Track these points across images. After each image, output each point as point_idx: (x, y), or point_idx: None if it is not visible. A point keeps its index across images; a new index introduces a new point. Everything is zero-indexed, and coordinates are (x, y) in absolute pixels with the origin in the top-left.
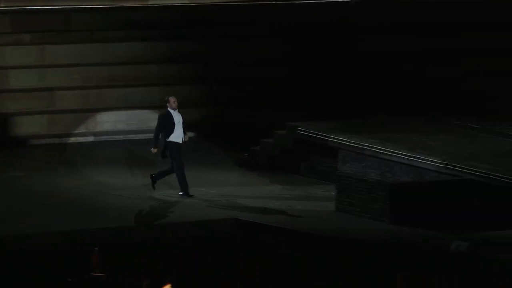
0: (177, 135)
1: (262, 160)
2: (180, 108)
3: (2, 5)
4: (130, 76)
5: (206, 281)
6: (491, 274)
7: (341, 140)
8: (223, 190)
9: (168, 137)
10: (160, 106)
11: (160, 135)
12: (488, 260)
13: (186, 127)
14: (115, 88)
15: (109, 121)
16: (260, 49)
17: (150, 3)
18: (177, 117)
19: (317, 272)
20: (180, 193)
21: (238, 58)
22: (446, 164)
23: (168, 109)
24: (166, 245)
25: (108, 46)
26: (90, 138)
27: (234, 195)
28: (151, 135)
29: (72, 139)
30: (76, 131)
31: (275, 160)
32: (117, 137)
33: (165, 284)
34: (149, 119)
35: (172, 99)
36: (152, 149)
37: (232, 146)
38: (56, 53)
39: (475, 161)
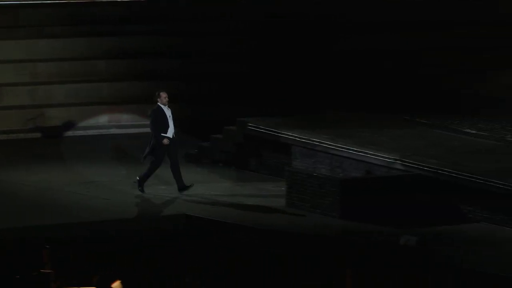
0: (169, 130)
1: (213, 156)
2: (129, 104)
3: None
4: (78, 72)
5: (155, 277)
6: (439, 268)
7: (291, 135)
8: (174, 187)
9: (160, 132)
10: (109, 102)
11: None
12: (437, 254)
13: (175, 123)
14: (63, 84)
15: (58, 117)
16: (214, 44)
17: None
18: (168, 112)
19: (267, 267)
20: (137, 178)
21: (189, 54)
22: (396, 160)
23: (159, 104)
24: (116, 240)
25: (57, 41)
26: (39, 134)
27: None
28: (100, 131)
29: (21, 135)
30: (24, 127)
31: (226, 156)
32: (66, 133)
33: (115, 280)
34: (98, 114)
35: (163, 94)
36: (164, 140)
37: (183, 142)
38: (4, 49)
39: (424, 156)
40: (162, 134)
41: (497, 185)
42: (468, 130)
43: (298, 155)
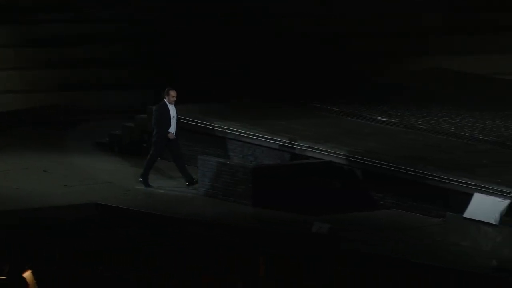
0: (170, 130)
1: (124, 144)
2: (34, 94)
3: None
4: None
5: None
6: (348, 254)
7: (203, 123)
8: (84, 175)
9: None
10: (21, 90)
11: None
12: (348, 241)
13: (179, 123)
14: None
15: None
16: (123, 31)
17: None
18: (173, 111)
19: (181, 256)
20: (140, 179)
21: (94, 41)
22: (308, 147)
23: (165, 101)
24: (29, 230)
25: None
26: None
27: (95, 180)
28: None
29: None
30: None
31: (137, 145)
32: None
33: (25, 270)
34: (10, 103)
35: (172, 93)
36: (168, 134)
37: (93, 131)
38: None
39: (336, 144)
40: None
41: (407, 172)
42: (379, 118)
43: (210, 143)
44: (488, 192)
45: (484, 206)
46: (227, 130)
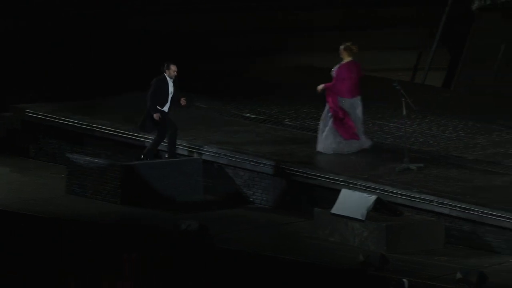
0: (166, 106)
1: None
2: None
3: None
4: None
5: None
6: (218, 251)
7: (71, 121)
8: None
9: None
10: None
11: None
12: (217, 238)
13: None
14: None
15: None
16: None
17: None
18: (171, 87)
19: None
20: (142, 156)
21: None
22: (177, 145)
23: (165, 75)
24: None
25: None
26: None
27: None
28: None
29: None
30: None
31: (2, 143)
32: None
33: None
34: None
35: (173, 67)
36: (155, 115)
37: None
38: None
39: (205, 141)
40: (158, 107)
41: (274, 167)
42: (248, 115)
43: (78, 141)
44: (355, 188)
45: (351, 202)
46: (94, 128)
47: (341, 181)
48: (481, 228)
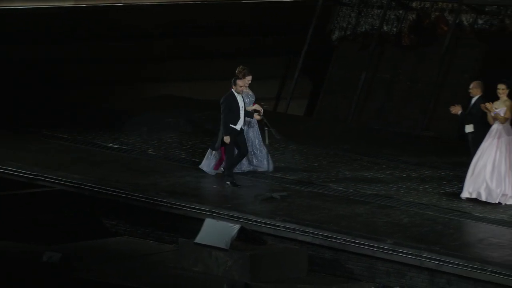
0: (239, 122)
1: None
2: None
3: None
4: None
5: None
6: (80, 283)
7: None
8: None
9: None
10: None
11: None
12: (80, 270)
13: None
14: None
15: None
16: None
17: None
18: (241, 102)
19: None
20: (227, 183)
21: None
22: (38, 176)
23: (232, 91)
24: None
25: None
26: None
27: None
28: None
29: None
30: None
31: None
32: None
33: None
34: None
35: (240, 82)
36: (225, 137)
37: None
38: None
39: (67, 172)
40: (231, 126)
41: (139, 199)
42: (111, 145)
43: None
44: (220, 217)
45: (215, 231)
46: None
47: (206, 210)
48: (343, 256)
